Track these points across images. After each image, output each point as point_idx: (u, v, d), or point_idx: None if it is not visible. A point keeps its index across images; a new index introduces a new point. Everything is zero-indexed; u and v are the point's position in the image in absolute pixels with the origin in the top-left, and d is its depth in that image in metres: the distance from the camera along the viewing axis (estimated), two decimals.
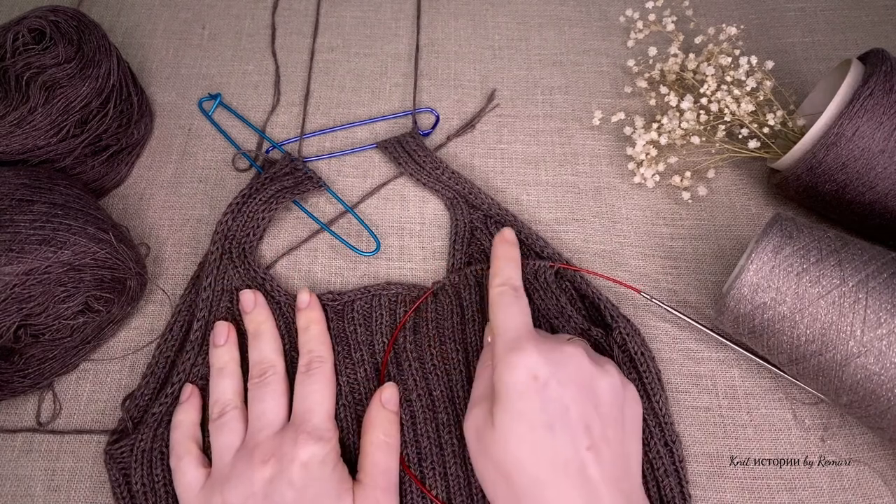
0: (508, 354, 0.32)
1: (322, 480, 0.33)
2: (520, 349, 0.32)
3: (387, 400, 0.37)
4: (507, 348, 0.33)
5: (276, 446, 0.34)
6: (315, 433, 0.34)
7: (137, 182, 0.49)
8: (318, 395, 0.37)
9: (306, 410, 0.36)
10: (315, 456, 0.33)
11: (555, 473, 0.30)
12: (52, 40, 0.43)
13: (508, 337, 0.33)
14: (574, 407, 0.31)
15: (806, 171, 0.41)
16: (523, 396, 0.31)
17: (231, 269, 0.43)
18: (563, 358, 0.32)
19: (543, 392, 0.31)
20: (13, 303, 0.36)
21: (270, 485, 0.33)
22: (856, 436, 0.39)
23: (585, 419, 0.31)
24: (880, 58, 0.40)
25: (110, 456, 0.37)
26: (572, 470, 0.30)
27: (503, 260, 0.38)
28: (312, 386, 0.37)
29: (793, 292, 0.34)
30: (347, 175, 0.49)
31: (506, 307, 0.35)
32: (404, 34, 0.56)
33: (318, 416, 0.36)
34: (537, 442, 0.30)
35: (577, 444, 0.30)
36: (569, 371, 0.32)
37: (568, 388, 0.31)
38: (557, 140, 0.51)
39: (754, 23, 0.56)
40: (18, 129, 0.41)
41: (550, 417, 0.30)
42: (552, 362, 0.32)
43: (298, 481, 0.33)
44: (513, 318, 0.34)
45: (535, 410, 0.31)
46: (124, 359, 0.42)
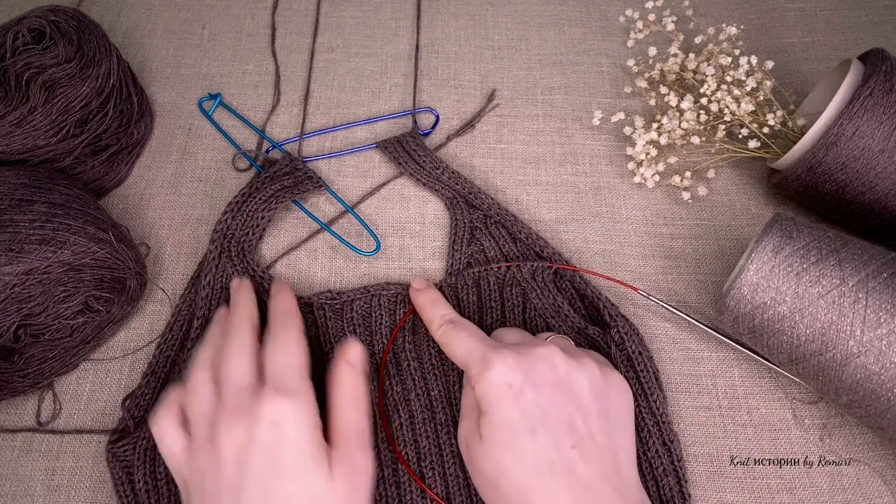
0: (481, 372, 0.33)
1: (296, 444, 0.30)
2: (488, 362, 0.32)
3: (352, 359, 0.35)
4: (478, 368, 0.33)
5: (246, 405, 0.31)
6: (282, 388, 0.31)
7: (137, 182, 0.49)
8: (284, 352, 0.34)
9: (272, 366, 0.33)
10: (287, 415, 0.31)
11: (541, 477, 0.30)
12: (51, 40, 0.43)
13: (474, 358, 0.34)
14: (552, 408, 0.31)
15: (806, 171, 0.41)
16: (502, 406, 0.31)
17: (230, 267, 0.43)
18: (533, 361, 0.33)
19: (520, 398, 0.31)
20: (13, 303, 0.36)
21: (241, 449, 0.30)
22: (856, 436, 0.39)
23: (567, 418, 0.31)
24: (880, 58, 0.40)
25: (113, 454, 0.37)
26: (559, 470, 0.30)
27: (428, 306, 0.39)
28: (278, 344, 0.34)
29: (793, 292, 0.34)
30: (347, 175, 0.49)
31: (454, 339, 0.36)
32: (404, 34, 0.56)
33: (286, 371, 0.33)
34: (520, 448, 0.31)
35: (561, 444, 0.31)
36: (541, 373, 0.32)
37: (543, 390, 0.32)
38: (557, 140, 0.51)
39: (754, 23, 0.56)
40: (18, 128, 0.41)
41: (531, 422, 0.31)
42: (523, 369, 0.32)
43: (270, 445, 0.30)
44: (466, 342, 0.35)
45: (515, 417, 0.31)
46: (124, 359, 0.42)
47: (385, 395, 0.39)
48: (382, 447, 0.38)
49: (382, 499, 0.37)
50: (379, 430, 0.38)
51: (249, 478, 0.30)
